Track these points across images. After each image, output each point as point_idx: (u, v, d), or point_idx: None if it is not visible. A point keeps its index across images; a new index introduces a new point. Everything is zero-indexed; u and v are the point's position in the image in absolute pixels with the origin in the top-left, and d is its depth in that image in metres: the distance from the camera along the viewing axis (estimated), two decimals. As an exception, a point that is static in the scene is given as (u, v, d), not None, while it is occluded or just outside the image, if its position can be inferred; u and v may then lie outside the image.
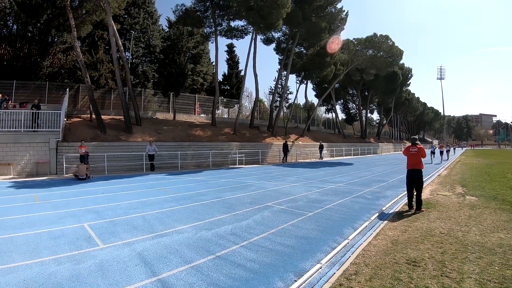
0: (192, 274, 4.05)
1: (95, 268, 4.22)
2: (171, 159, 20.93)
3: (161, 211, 7.76)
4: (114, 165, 18.24)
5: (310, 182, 13.77)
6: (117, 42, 21.27)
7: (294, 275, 4.08)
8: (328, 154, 36.66)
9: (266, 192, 10.88)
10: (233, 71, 41.87)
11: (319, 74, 36.83)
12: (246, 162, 24.52)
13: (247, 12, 25.43)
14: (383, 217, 7.27)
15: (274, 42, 36.23)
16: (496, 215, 7.16)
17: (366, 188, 11.85)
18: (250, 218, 7.10)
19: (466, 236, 5.59)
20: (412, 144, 8.23)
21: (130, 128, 21.46)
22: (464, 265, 4.29)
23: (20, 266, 4.30)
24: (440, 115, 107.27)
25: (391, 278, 3.91)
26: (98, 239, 5.52)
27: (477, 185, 12.17)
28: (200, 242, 5.38)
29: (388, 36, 35.57)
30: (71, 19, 19.13)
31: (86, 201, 9.09)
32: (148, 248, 5.04)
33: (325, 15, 31.16)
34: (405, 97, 67.13)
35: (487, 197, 9.42)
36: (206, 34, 30.93)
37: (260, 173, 17.63)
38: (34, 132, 16.56)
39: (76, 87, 24.56)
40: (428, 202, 8.71)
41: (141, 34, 28.69)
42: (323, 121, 57.65)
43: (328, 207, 8.35)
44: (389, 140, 68.64)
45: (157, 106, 29.78)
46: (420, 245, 5.16)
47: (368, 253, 4.86)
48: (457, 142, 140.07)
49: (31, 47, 24.57)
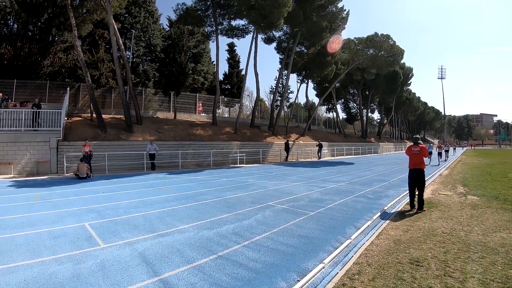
0: (194, 274, 4.03)
1: (96, 268, 4.20)
2: (171, 158, 20.90)
3: (162, 211, 7.74)
4: (115, 164, 18.21)
5: (311, 181, 13.74)
6: (118, 41, 21.24)
7: (297, 275, 4.07)
8: (329, 154, 36.61)
9: (267, 192, 10.85)
10: (234, 70, 41.85)
11: (320, 73, 36.80)
12: (247, 162, 24.48)
13: (248, 11, 25.38)
14: (385, 216, 7.25)
15: (275, 41, 36.13)
16: (498, 214, 7.14)
17: (367, 188, 11.83)
18: (251, 217, 7.08)
19: (469, 236, 5.57)
20: (414, 143, 8.19)
21: (130, 127, 21.43)
22: (467, 265, 4.27)
23: (21, 266, 4.28)
24: (440, 114, 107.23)
25: (394, 278, 3.89)
26: (99, 238, 5.50)
27: (478, 185, 12.16)
28: (202, 241, 5.36)
29: (389, 35, 35.49)
30: (71, 18, 19.08)
31: (87, 201, 9.07)
32: (150, 248, 5.02)
33: (326, 14, 31.08)
34: (406, 96, 67.02)
35: (488, 197, 9.40)
36: (207, 33, 30.84)
37: (261, 172, 17.60)
38: (35, 131, 16.52)
39: (77, 86, 24.49)
40: (430, 202, 8.69)
41: (142, 33, 28.66)
42: (324, 121, 57.62)
43: (330, 206, 8.33)
44: (389, 139, 68.53)
45: (157, 105, 29.71)
46: (423, 244, 5.14)
47: (371, 252, 4.84)
48: (458, 141, 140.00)
49: (32, 46, 24.52)
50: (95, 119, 20.75)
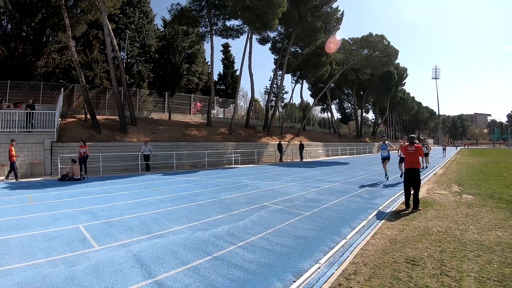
0: (189, 276, 4.00)
1: (90, 271, 4.15)
2: (166, 159, 20.82)
3: (157, 212, 7.69)
4: (109, 165, 18.11)
5: (306, 181, 13.75)
6: (112, 41, 21.13)
7: (293, 275, 4.05)
8: (323, 154, 36.65)
9: (262, 192, 10.84)
10: (229, 71, 41.74)
11: (315, 73, 36.89)
12: (242, 162, 24.46)
13: (242, 12, 25.37)
14: (380, 216, 7.25)
15: (269, 41, 36.20)
16: (493, 213, 7.18)
17: (362, 187, 11.85)
18: (246, 218, 7.06)
19: (464, 235, 5.59)
20: (409, 143, 8.20)
21: (125, 128, 21.32)
22: (463, 264, 4.28)
23: (14, 268, 4.23)
24: (435, 114, 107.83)
25: (391, 277, 3.88)
26: (93, 240, 5.45)
27: (473, 184, 12.22)
28: (197, 242, 5.33)
29: (383, 35, 35.67)
30: (66, 19, 18.93)
31: (81, 202, 8.99)
32: (144, 249, 4.98)
33: (320, 15, 31.14)
34: (400, 96, 67.31)
35: (483, 196, 9.45)
36: (202, 34, 30.76)
37: (256, 173, 17.58)
38: (29, 133, 16.39)
39: (71, 87, 24.34)
40: (425, 201, 8.72)
41: (136, 33, 28.50)
42: (319, 121, 57.69)
43: (325, 206, 8.33)
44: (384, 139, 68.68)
45: (152, 106, 29.59)
46: (419, 244, 5.15)
47: (367, 252, 4.83)
48: (452, 141, 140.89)
49: (26, 47, 24.33)
50: (89, 120, 20.62)
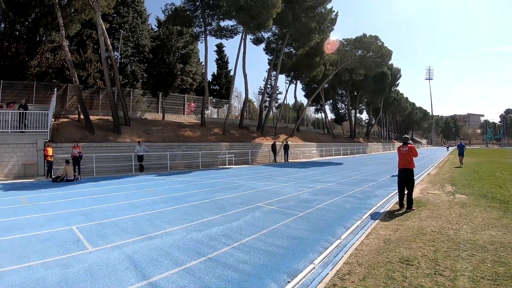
0: (184, 277, 3.99)
1: (84, 272, 4.12)
2: (160, 160, 20.72)
3: (150, 213, 7.65)
4: (103, 166, 17.97)
5: (300, 182, 13.76)
6: (106, 41, 21.00)
7: (287, 276, 4.05)
8: (317, 154, 36.76)
9: (256, 193, 10.83)
10: (223, 71, 41.71)
11: (309, 74, 36.95)
12: (236, 163, 24.44)
13: (237, 12, 25.33)
14: (374, 216, 7.28)
15: (263, 42, 36.26)
16: (486, 213, 7.24)
17: (356, 188, 11.89)
18: (241, 219, 7.05)
19: (458, 234, 5.63)
20: (403, 143, 8.26)
21: (118, 128, 21.20)
22: (457, 263, 4.31)
23: (7, 271, 4.18)
24: (428, 115, 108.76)
25: (385, 277, 3.90)
26: (87, 242, 5.40)
27: (466, 184, 12.32)
28: (191, 244, 5.31)
29: (377, 36, 35.83)
30: (59, 18, 18.79)
31: (75, 203, 8.92)
32: (138, 251, 4.95)
33: (315, 16, 31.18)
34: (394, 97, 67.66)
35: (476, 195, 9.54)
36: (196, 34, 30.67)
37: (250, 174, 17.58)
38: (21, 133, 16.22)
39: (64, 87, 24.15)
40: (419, 201, 8.78)
41: (130, 33, 28.42)
42: (313, 121, 57.85)
43: (319, 207, 8.34)
44: (378, 140, 69.16)
45: (146, 106, 29.45)
46: (413, 243, 5.17)
47: (361, 252, 4.85)
48: (445, 141, 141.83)
49: (19, 46, 24.13)
50: (82, 121, 20.46)
